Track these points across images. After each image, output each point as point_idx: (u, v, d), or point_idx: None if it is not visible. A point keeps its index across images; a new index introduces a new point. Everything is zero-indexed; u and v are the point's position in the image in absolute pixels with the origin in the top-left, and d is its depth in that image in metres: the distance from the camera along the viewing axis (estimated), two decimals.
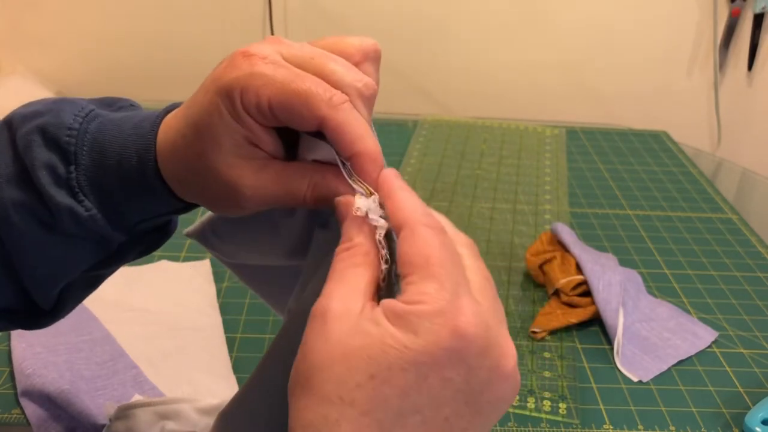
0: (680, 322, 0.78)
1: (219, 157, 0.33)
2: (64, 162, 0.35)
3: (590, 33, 1.32)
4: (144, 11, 1.29)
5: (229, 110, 0.32)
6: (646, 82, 1.37)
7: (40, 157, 0.35)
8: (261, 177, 0.34)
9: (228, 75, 0.32)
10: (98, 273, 0.41)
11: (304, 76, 0.32)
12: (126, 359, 0.65)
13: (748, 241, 0.97)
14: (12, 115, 0.38)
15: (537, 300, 0.81)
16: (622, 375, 0.71)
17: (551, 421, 0.64)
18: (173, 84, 1.36)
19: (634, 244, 0.94)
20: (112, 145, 0.36)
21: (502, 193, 1.05)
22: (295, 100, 0.31)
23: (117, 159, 0.35)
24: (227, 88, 0.32)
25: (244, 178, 0.33)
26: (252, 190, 0.34)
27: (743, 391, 0.69)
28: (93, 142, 0.36)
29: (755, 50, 1.27)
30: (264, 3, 1.27)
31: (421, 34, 1.32)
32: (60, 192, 0.35)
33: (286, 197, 0.34)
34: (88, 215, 0.36)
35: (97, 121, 0.37)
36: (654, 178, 1.14)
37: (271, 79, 0.31)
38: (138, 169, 0.35)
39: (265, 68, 0.32)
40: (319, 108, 0.31)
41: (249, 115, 0.32)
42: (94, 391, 0.61)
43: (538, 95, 1.38)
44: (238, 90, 0.32)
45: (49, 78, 1.32)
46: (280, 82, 0.31)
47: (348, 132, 0.32)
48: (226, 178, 0.33)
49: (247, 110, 0.32)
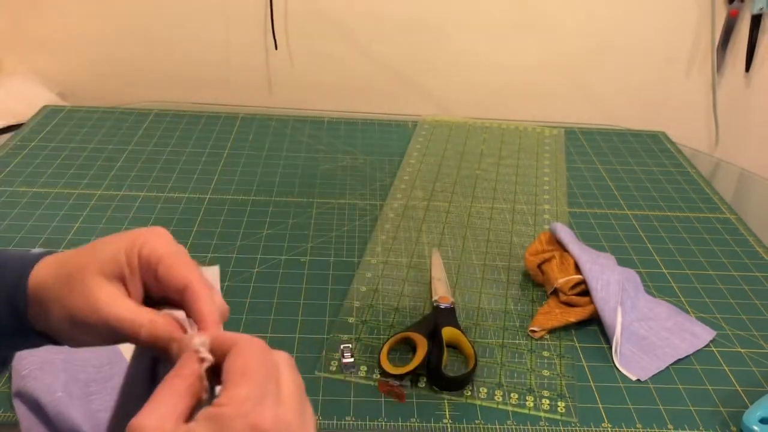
0: (678, 321, 0.79)
1: (90, 268, 0.39)
2: None
3: (589, 34, 1.33)
4: (145, 12, 1.29)
5: (128, 250, 0.39)
6: (645, 83, 1.37)
7: None
8: (115, 296, 0.39)
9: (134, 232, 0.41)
10: None
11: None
12: (122, 363, 0.65)
13: (746, 240, 0.97)
14: None
15: (536, 299, 0.82)
16: (621, 374, 0.71)
17: (550, 420, 0.65)
18: (174, 84, 1.36)
19: (632, 244, 0.94)
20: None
21: (502, 193, 1.06)
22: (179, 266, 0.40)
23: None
24: (134, 235, 0.40)
25: (106, 292, 0.39)
26: (107, 306, 0.38)
27: (741, 390, 0.70)
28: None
29: (753, 51, 1.27)
30: (264, 3, 1.27)
31: (421, 35, 1.32)
32: None
33: (129, 326, 0.38)
34: None
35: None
36: (652, 178, 1.14)
37: (165, 247, 0.40)
38: (7, 294, 0.40)
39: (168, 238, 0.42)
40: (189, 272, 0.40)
41: (138, 259, 0.39)
42: (86, 396, 0.60)
43: (537, 96, 1.39)
44: (141, 241, 0.40)
45: (51, 79, 1.33)
46: (171, 253, 0.40)
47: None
48: (89, 287, 0.38)
49: (140, 255, 0.39)
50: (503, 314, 0.79)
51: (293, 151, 1.15)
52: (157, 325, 0.38)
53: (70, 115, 1.21)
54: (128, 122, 1.20)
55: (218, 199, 0.98)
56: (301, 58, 1.34)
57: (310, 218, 0.95)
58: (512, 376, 0.70)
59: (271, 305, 0.77)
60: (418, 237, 0.92)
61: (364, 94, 1.38)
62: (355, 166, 1.11)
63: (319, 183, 1.05)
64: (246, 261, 0.85)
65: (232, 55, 1.33)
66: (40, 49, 1.32)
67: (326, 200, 1.00)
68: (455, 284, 0.83)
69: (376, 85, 1.36)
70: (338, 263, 0.86)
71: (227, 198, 0.99)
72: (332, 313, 0.77)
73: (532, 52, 1.34)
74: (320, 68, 1.35)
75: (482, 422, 0.64)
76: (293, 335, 0.73)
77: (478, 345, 0.73)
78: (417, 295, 0.81)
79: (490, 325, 0.77)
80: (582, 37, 1.33)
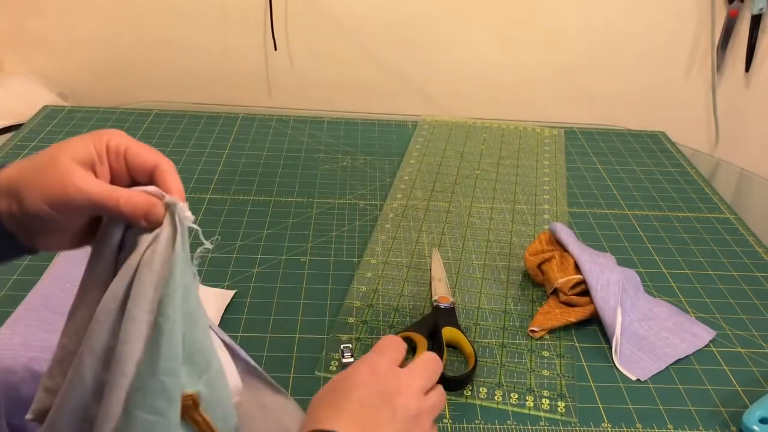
0: (678, 321, 0.79)
1: (62, 156, 0.42)
2: None
3: (589, 34, 1.33)
4: (145, 12, 1.29)
5: (95, 141, 0.43)
6: (644, 83, 1.37)
7: None
8: (89, 176, 0.42)
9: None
10: None
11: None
12: None
13: (745, 240, 0.97)
14: None
15: (536, 299, 0.82)
16: (621, 374, 0.71)
17: (550, 420, 0.65)
18: (174, 84, 1.36)
19: (632, 244, 0.94)
20: None
21: (501, 193, 1.06)
22: (146, 151, 0.45)
23: None
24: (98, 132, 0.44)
25: (80, 172, 0.42)
26: (79, 179, 0.41)
27: (741, 390, 0.70)
28: None
29: (753, 51, 1.27)
30: (264, 4, 1.27)
31: (420, 35, 1.32)
32: None
33: (107, 198, 0.41)
34: None
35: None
36: (652, 178, 1.14)
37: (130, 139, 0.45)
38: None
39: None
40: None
41: (107, 149, 0.44)
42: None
43: (536, 96, 1.39)
44: (106, 135, 0.44)
45: (51, 79, 1.33)
46: (137, 142, 0.45)
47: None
48: (63, 169, 0.41)
49: (107, 146, 0.43)
50: (503, 314, 0.79)
51: (293, 151, 1.15)
52: (134, 195, 0.41)
53: (70, 115, 1.21)
54: (128, 122, 1.20)
55: (218, 199, 0.98)
56: (301, 58, 1.34)
57: (310, 218, 0.95)
58: (512, 376, 0.70)
59: (271, 305, 0.77)
60: (418, 237, 0.92)
61: (364, 94, 1.38)
62: (355, 166, 1.11)
63: (319, 183, 1.05)
64: (246, 261, 0.85)
65: (232, 55, 1.33)
66: (40, 49, 1.32)
67: (326, 200, 1.00)
68: (455, 284, 0.83)
69: (376, 85, 1.36)
70: (338, 263, 0.86)
71: (227, 198, 0.99)
72: (332, 313, 0.77)
73: (532, 52, 1.34)
74: (320, 68, 1.35)
75: (482, 422, 0.64)
76: (293, 335, 0.73)
77: (478, 345, 0.73)
78: (417, 295, 0.81)
79: (490, 325, 0.77)
80: (582, 38, 1.33)
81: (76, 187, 0.41)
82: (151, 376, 0.39)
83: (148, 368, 0.39)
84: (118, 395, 0.39)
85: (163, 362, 0.40)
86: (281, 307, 0.77)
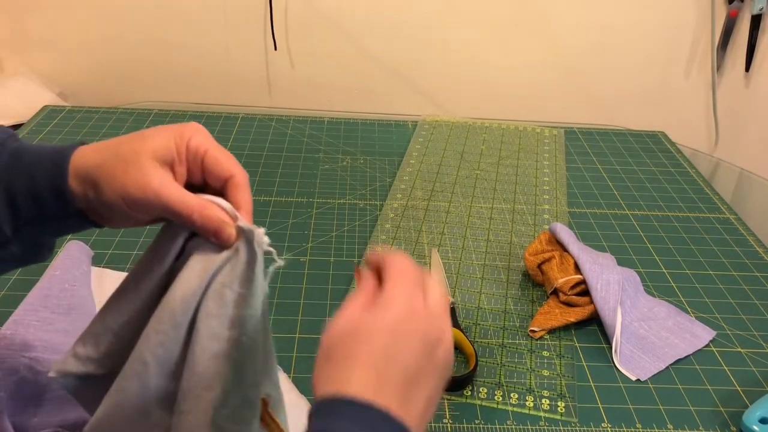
0: (678, 321, 0.79)
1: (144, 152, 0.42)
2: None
3: (588, 34, 1.33)
4: (145, 12, 1.29)
5: (177, 140, 0.43)
6: (644, 83, 1.37)
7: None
8: (168, 180, 0.43)
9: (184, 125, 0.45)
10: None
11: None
12: None
13: (745, 240, 0.97)
14: None
15: (536, 299, 0.82)
16: (621, 374, 0.71)
17: (550, 420, 0.65)
18: (174, 84, 1.36)
19: (632, 244, 0.94)
20: (30, 153, 0.44)
21: (501, 193, 1.06)
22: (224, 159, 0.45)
23: (31, 163, 0.43)
24: (180, 127, 0.44)
25: (159, 175, 0.42)
26: (158, 183, 0.42)
27: (741, 390, 0.70)
28: (14, 150, 0.44)
29: (753, 51, 1.27)
30: (264, 4, 1.27)
31: (420, 35, 1.32)
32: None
33: (182, 208, 0.42)
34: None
35: (21, 142, 0.45)
36: (652, 178, 1.14)
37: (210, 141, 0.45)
38: (49, 171, 0.43)
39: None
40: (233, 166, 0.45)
41: (186, 149, 0.44)
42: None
43: (536, 96, 1.39)
44: (188, 133, 0.44)
45: (52, 79, 1.33)
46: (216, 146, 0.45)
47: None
48: (144, 169, 0.42)
49: (188, 145, 0.44)
50: (503, 314, 0.79)
51: (293, 151, 1.15)
52: (209, 210, 0.42)
53: (70, 115, 1.21)
54: (128, 122, 1.20)
55: None
56: (301, 59, 1.34)
57: (310, 218, 0.95)
58: (512, 376, 0.70)
59: (271, 305, 0.77)
60: (418, 237, 0.92)
61: (364, 94, 1.38)
62: (355, 166, 1.11)
63: (319, 183, 1.05)
64: None
65: (232, 55, 1.33)
66: (40, 49, 1.32)
67: (326, 200, 1.00)
68: (455, 284, 0.83)
69: (376, 85, 1.36)
70: (338, 263, 0.86)
71: None
72: (332, 313, 0.77)
73: (532, 52, 1.34)
74: (320, 68, 1.35)
75: (482, 422, 0.64)
76: (293, 335, 0.73)
77: (478, 345, 0.73)
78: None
79: (490, 325, 0.77)
80: (582, 38, 1.33)
81: (155, 192, 0.41)
82: (238, 391, 0.42)
83: (234, 383, 0.41)
84: (204, 408, 0.41)
85: (249, 377, 0.42)
86: (281, 307, 0.77)
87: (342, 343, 0.40)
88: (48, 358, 0.62)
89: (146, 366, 0.41)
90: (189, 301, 0.41)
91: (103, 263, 0.82)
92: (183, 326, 0.41)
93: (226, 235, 0.42)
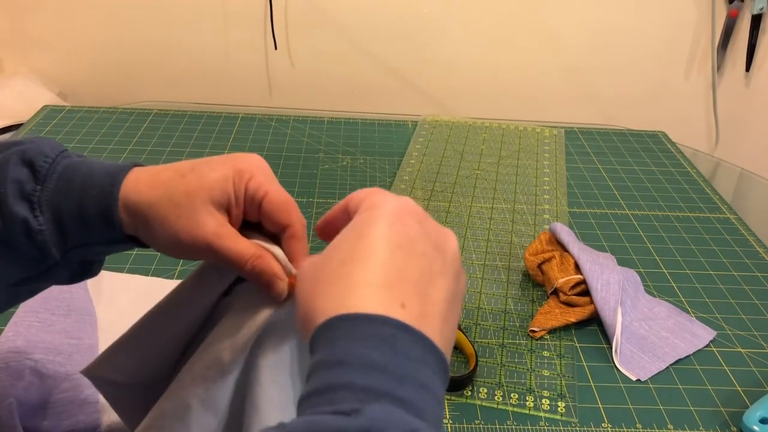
0: (678, 321, 0.79)
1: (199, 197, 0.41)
2: (33, 180, 0.41)
3: (589, 34, 1.33)
4: (145, 12, 1.29)
5: (236, 180, 0.41)
6: (644, 83, 1.37)
7: (13, 173, 0.41)
8: (222, 229, 0.41)
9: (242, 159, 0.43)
10: (17, 290, 0.45)
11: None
12: None
13: (746, 240, 0.97)
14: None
15: (536, 299, 0.82)
16: (621, 374, 0.71)
17: (550, 420, 0.65)
18: (174, 84, 1.36)
19: (632, 244, 0.94)
20: (80, 175, 0.42)
21: (501, 193, 1.06)
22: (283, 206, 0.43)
23: (80, 188, 0.42)
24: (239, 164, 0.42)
25: (214, 222, 0.41)
26: (212, 233, 0.40)
27: (741, 390, 0.70)
28: (63, 170, 0.42)
29: (753, 51, 1.27)
30: (264, 3, 1.27)
31: (421, 35, 1.32)
32: (20, 204, 0.41)
33: (236, 257, 0.41)
34: (38, 229, 0.41)
35: (71, 158, 0.43)
36: (652, 178, 1.14)
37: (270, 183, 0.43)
38: (98, 198, 0.41)
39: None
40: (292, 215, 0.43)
41: (245, 189, 0.42)
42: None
43: (536, 96, 1.39)
44: (248, 174, 0.42)
45: (52, 79, 1.33)
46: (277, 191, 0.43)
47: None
48: (198, 216, 0.40)
49: (247, 186, 0.42)
50: (503, 314, 0.79)
51: (293, 151, 1.15)
52: (262, 261, 0.41)
53: (70, 115, 1.21)
54: (128, 122, 1.20)
55: None
56: (301, 58, 1.34)
57: (310, 218, 0.95)
58: (512, 376, 0.70)
59: None
60: None
61: (364, 94, 1.38)
62: (355, 166, 1.11)
63: (319, 183, 1.05)
64: None
65: (231, 55, 1.33)
66: (40, 49, 1.32)
67: (326, 200, 1.00)
68: None
69: (376, 85, 1.36)
70: None
71: None
72: None
73: (532, 52, 1.34)
74: (320, 68, 1.35)
75: (482, 422, 0.64)
76: None
77: (478, 345, 0.73)
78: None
79: (490, 325, 0.77)
80: (582, 38, 1.33)
81: (207, 241, 0.40)
82: None
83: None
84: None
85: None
86: None
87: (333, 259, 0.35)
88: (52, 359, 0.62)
89: (189, 409, 0.42)
90: (237, 351, 0.42)
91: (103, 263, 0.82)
92: (232, 374, 0.42)
93: (278, 290, 0.41)
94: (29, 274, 0.43)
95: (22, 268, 0.43)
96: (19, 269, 0.43)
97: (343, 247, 0.35)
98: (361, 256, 0.33)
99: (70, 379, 0.61)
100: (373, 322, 0.31)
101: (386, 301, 0.32)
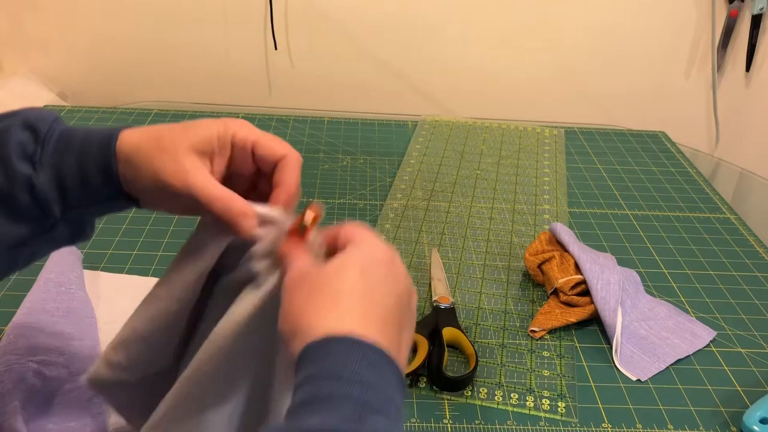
0: (678, 321, 0.79)
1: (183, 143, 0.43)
2: (35, 142, 0.44)
3: (589, 34, 1.33)
4: (145, 12, 1.29)
5: (220, 132, 0.45)
6: (645, 83, 1.37)
7: (15, 137, 0.44)
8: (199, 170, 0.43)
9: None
10: (16, 253, 0.46)
11: None
12: None
13: (746, 240, 0.97)
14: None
15: (536, 299, 0.82)
16: (621, 374, 0.71)
17: (550, 420, 0.65)
18: (174, 84, 1.36)
19: (632, 244, 0.94)
20: (78, 136, 0.45)
21: (502, 193, 1.06)
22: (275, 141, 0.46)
23: (80, 146, 0.45)
24: (225, 123, 0.45)
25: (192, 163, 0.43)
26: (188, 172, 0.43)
27: (741, 390, 0.70)
28: (61, 133, 0.45)
29: (753, 51, 1.27)
30: (264, 3, 1.27)
31: (421, 35, 1.32)
32: (23, 164, 0.43)
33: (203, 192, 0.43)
34: (41, 186, 0.43)
35: (67, 125, 0.47)
36: (652, 178, 1.14)
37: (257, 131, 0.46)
38: (97, 152, 0.44)
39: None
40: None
41: (233, 143, 0.45)
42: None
43: (537, 96, 1.39)
44: (233, 129, 0.45)
45: (52, 79, 1.33)
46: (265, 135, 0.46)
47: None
48: (179, 157, 0.43)
49: (233, 140, 0.45)
50: (503, 314, 0.79)
51: None
52: (232, 201, 0.43)
53: (70, 115, 1.21)
54: (128, 122, 1.20)
55: None
56: (301, 58, 1.34)
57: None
58: (512, 376, 0.70)
59: None
60: (418, 237, 0.92)
61: (364, 94, 1.38)
62: (355, 166, 1.11)
63: (319, 183, 1.05)
64: None
65: (231, 55, 1.33)
66: (40, 49, 1.32)
67: (326, 200, 1.00)
68: (455, 284, 0.83)
69: (376, 85, 1.36)
70: None
71: None
72: None
73: (532, 52, 1.34)
74: (320, 68, 1.35)
75: (482, 422, 0.64)
76: None
77: (478, 345, 0.73)
78: (417, 295, 0.80)
79: (490, 325, 0.77)
80: (582, 38, 1.33)
81: (183, 179, 0.43)
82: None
83: None
84: None
85: None
86: None
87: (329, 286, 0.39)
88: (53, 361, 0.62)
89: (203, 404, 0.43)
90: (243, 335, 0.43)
91: (103, 263, 0.82)
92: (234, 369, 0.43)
93: (243, 227, 0.43)
94: (30, 234, 0.45)
95: (23, 228, 0.44)
96: (19, 229, 0.44)
97: (340, 277, 0.39)
98: (348, 289, 0.38)
99: (74, 381, 0.61)
100: (361, 346, 0.35)
101: (367, 328, 0.36)
